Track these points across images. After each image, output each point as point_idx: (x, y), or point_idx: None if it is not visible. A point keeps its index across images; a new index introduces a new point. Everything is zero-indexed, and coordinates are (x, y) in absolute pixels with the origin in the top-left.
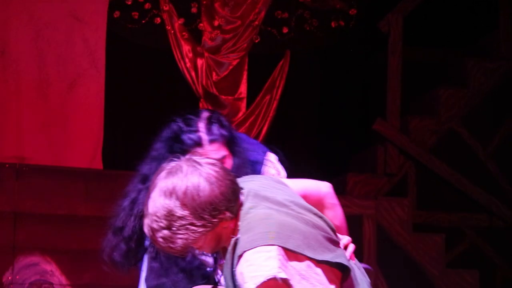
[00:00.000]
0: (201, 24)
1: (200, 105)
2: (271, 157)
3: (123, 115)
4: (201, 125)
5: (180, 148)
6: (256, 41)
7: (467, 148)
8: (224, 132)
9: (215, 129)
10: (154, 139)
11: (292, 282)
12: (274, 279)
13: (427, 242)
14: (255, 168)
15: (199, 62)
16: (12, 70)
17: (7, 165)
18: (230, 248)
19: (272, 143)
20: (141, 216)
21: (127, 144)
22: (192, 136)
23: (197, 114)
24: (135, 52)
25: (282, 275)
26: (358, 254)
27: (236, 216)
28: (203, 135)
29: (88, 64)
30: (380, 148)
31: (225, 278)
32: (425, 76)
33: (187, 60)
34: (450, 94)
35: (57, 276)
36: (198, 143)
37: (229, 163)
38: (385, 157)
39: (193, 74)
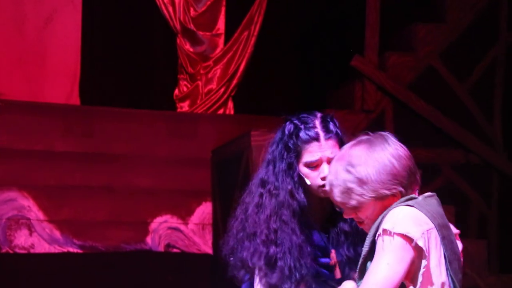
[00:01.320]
0: None
1: (178, 41)
2: None
3: (100, 51)
4: (317, 123)
5: (295, 144)
6: None
7: (445, 84)
8: (337, 130)
9: (331, 126)
10: (270, 144)
11: (426, 253)
12: (411, 240)
13: None
14: None
15: None
16: None
17: None
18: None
19: (250, 79)
20: (268, 219)
21: (104, 80)
22: (310, 132)
23: (311, 113)
24: None
25: (421, 243)
26: None
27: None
28: (320, 131)
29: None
30: (358, 85)
31: (364, 246)
32: (403, 12)
33: None
34: (428, 30)
35: (35, 212)
36: (316, 138)
37: None
38: (362, 94)
39: (170, 9)
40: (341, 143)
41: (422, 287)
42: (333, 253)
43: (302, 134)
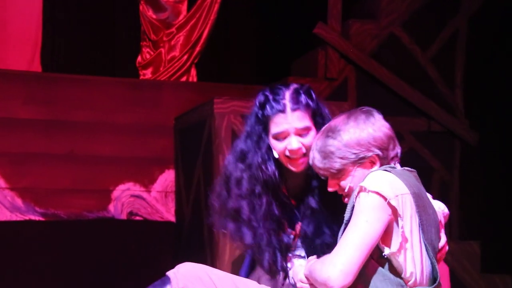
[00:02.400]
0: None
1: (140, 7)
2: None
3: (61, 18)
4: (288, 94)
5: (263, 115)
6: None
7: (407, 52)
8: (310, 103)
9: (301, 98)
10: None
11: (400, 215)
12: (384, 198)
13: None
14: None
15: None
16: None
17: None
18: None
19: (213, 47)
20: (250, 194)
21: (66, 47)
22: (277, 103)
23: (286, 84)
24: None
25: (394, 203)
26: None
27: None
28: (287, 102)
29: None
30: (321, 52)
31: (346, 211)
32: None
33: None
34: None
35: None
36: (281, 110)
37: (312, 135)
38: (325, 61)
39: None
40: (315, 115)
41: (396, 250)
42: (298, 225)
43: (269, 105)
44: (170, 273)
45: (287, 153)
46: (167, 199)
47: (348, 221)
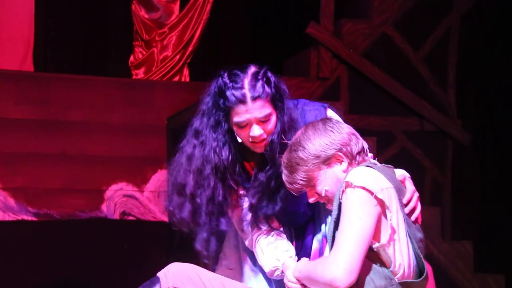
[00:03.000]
0: None
1: (133, 7)
2: (330, 113)
3: (54, 17)
4: (246, 82)
5: (224, 103)
6: None
7: (399, 52)
8: (269, 89)
9: (260, 86)
10: (204, 93)
11: (387, 207)
12: (371, 192)
13: None
14: None
15: None
16: None
17: None
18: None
19: (206, 46)
20: (199, 171)
21: (59, 47)
22: (236, 92)
23: (243, 69)
24: None
25: (380, 196)
26: None
27: (351, 164)
28: (247, 92)
29: None
30: (313, 52)
31: (333, 210)
32: None
33: None
34: None
35: None
36: (242, 100)
37: (273, 120)
38: (318, 61)
39: None
40: (274, 100)
41: (386, 242)
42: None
43: (228, 94)
44: (160, 274)
45: (250, 139)
46: (160, 198)
47: (336, 219)
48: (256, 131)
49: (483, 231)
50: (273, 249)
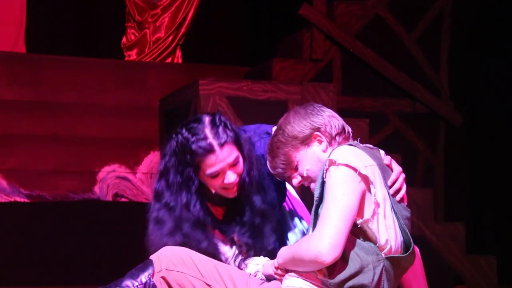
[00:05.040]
0: None
1: None
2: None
3: None
4: (207, 131)
5: (192, 158)
6: None
7: (392, 33)
8: (230, 132)
9: (222, 131)
10: (162, 154)
11: (371, 183)
12: (355, 169)
13: (351, 126)
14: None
15: None
16: None
17: None
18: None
19: (198, 28)
20: (171, 234)
21: (51, 28)
22: (202, 144)
23: (198, 121)
24: None
25: (364, 172)
26: None
27: (331, 144)
28: (212, 140)
29: None
30: (306, 34)
31: (315, 189)
32: None
33: None
34: None
35: None
36: (210, 150)
37: (241, 161)
38: (311, 43)
39: None
40: (237, 141)
41: (370, 217)
42: (235, 237)
43: (195, 147)
44: (153, 256)
45: (224, 186)
46: (153, 180)
47: (319, 198)
48: (231, 177)
49: (475, 213)
50: (251, 261)
